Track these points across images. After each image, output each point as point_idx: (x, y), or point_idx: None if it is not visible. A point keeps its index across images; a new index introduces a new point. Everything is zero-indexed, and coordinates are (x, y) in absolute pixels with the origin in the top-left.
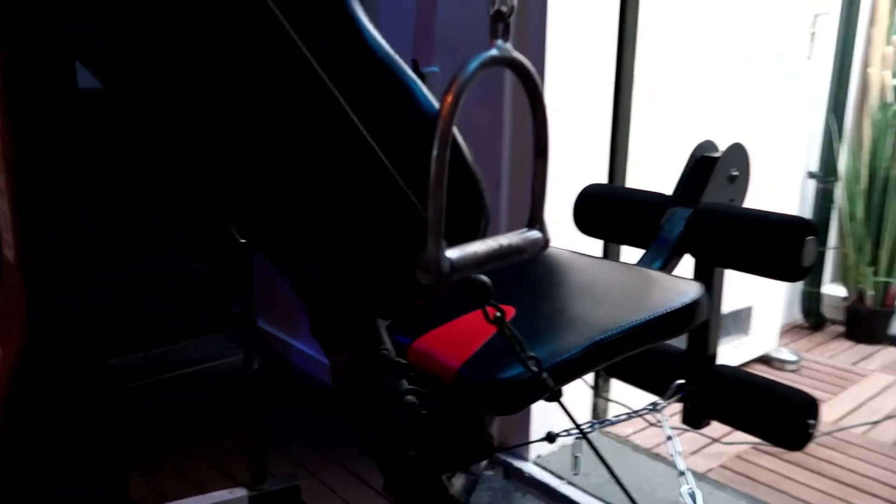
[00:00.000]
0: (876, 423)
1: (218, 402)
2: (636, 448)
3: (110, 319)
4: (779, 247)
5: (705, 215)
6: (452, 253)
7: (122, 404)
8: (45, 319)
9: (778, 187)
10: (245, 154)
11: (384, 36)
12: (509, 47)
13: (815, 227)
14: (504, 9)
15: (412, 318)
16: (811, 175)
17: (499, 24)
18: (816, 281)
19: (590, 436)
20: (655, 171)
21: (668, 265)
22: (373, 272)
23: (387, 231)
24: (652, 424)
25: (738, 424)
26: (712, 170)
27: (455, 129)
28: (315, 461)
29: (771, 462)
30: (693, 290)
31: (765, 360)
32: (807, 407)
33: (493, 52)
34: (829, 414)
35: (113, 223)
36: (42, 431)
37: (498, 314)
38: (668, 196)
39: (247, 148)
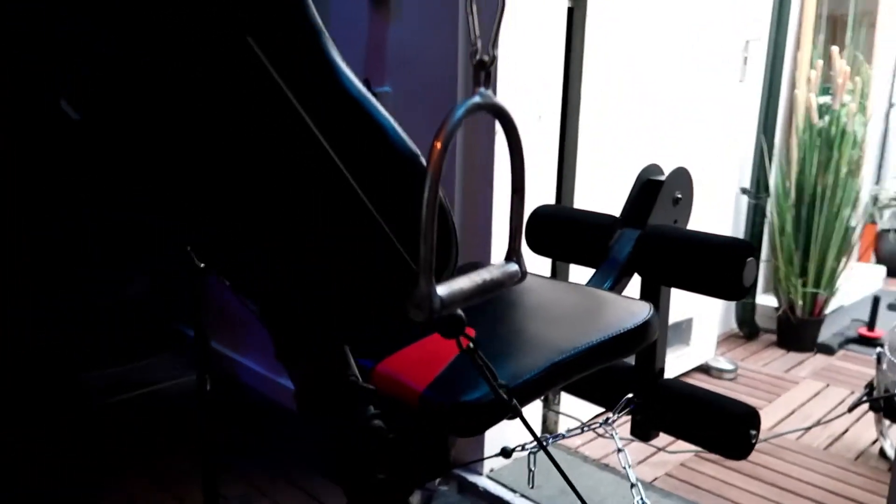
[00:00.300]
0: (808, 429)
1: (169, 423)
2: (585, 459)
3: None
4: (722, 267)
5: (653, 237)
6: (442, 290)
7: (92, 421)
8: (45, 320)
9: (714, 203)
10: (219, 180)
11: None
12: (491, 94)
13: (754, 249)
14: (486, 58)
15: (374, 340)
16: (743, 191)
17: (481, 73)
18: (750, 292)
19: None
20: (600, 190)
21: (617, 285)
22: (345, 302)
23: (362, 262)
24: (601, 436)
25: (685, 436)
26: (658, 193)
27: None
28: (268, 482)
29: (713, 469)
30: (644, 311)
31: (704, 369)
32: (749, 418)
33: (477, 99)
34: (764, 421)
35: (112, 223)
36: (15, 443)
37: (471, 345)
38: (617, 217)
39: (221, 174)
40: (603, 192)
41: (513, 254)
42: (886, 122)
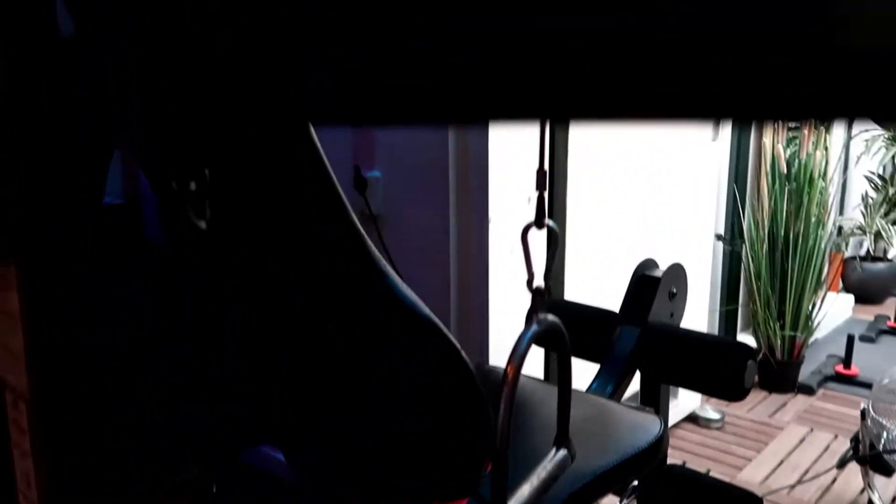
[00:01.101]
0: (793, 486)
1: None
2: None
3: None
4: (724, 370)
5: (654, 336)
6: None
7: None
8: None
9: (693, 251)
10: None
11: (323, 142)
12: (548, 317)
13: (754, 352)
14: (542, 286)
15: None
16: (718, 237)
17: (538, 299)
18: (730, 335)
19: None
20: (587, 255)
21: (620, 385)
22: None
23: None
24: None
25: None
26: (656, 289)
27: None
28: None
29: None
30: (655, 427)
31: (692, 418)
32: None
33: (536, 327)
34: (756, 473)
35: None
36: None
37: None
38: (616, 314)
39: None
40: (590, 258)
41: (563, 439)
42: (846, 153)
